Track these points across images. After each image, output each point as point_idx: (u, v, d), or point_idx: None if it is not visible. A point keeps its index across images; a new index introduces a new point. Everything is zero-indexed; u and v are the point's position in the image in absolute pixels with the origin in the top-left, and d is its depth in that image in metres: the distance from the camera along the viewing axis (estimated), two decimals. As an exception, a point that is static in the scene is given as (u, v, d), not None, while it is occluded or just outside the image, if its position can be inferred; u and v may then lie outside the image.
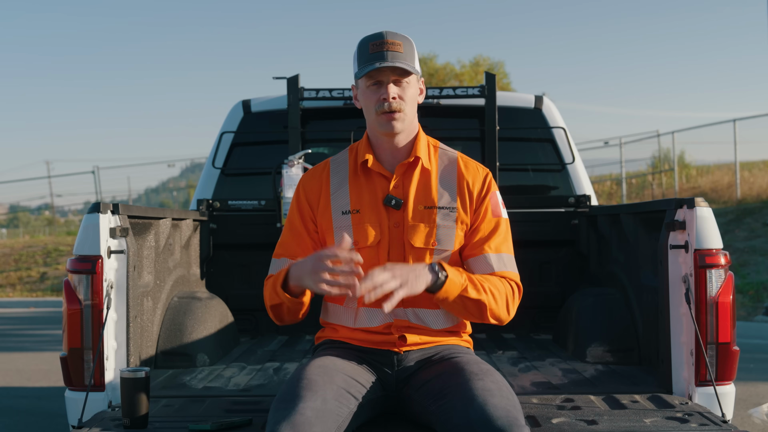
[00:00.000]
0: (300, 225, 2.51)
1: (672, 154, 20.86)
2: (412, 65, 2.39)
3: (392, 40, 2.38)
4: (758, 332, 9.28)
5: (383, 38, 2.38)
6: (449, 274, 2.27)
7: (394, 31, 2.42)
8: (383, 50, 2.36)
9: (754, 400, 5.50)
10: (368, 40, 2.40)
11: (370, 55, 2.37)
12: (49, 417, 5.44)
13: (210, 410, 2.63)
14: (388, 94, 2.37)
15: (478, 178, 2.51)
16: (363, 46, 2.41)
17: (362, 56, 2.40)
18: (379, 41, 2.38)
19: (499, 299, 2.35)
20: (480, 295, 2.31)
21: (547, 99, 4.64)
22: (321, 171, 2.56)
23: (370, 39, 2.40)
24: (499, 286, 2.37)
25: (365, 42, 2.41)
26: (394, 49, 2.37)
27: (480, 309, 2.33)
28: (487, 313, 2.35)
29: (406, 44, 2.40)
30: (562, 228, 4.33)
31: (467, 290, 2.30)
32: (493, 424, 2.02)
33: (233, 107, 4.62)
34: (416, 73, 2.41)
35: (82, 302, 2.73)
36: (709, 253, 2.72)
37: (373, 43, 2.38)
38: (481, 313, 2.35)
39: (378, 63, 2.34)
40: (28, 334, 10.82)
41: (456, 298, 2.30)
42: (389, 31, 2.41)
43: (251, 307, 4.27)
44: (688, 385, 2.77)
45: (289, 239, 2.51)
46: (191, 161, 63.34)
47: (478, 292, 2.31)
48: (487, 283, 2.34)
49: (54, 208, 32.10)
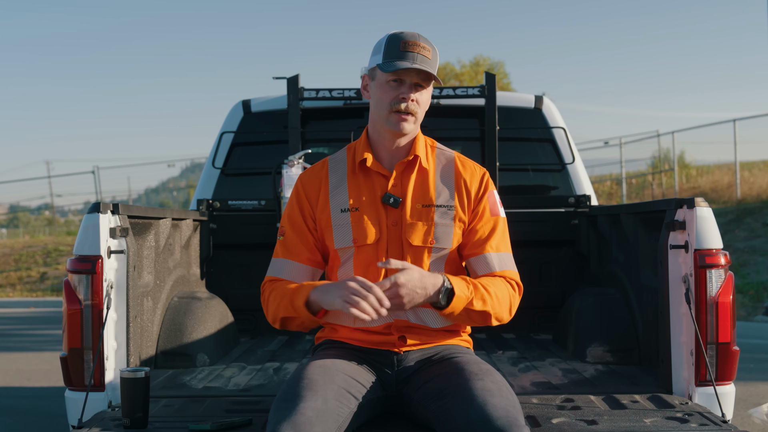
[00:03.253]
0: (302, 222, 2.50)
1: (672, 154, 20.86)
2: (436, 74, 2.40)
3: (424, 44, 2.37)
4: (758, 332, 9.28)
5: (416, 40, 2.37)
6: (456, 290, 2.27)
7: (425, 36, 2.42)
8: (414, 51, 2.35)
9: (754, 400, 5.50)
10: (401, 37, 2.39)
11: (400, 52, 2.36)
12: (49, 417, 5.44)
13: (210, 410, 2.63)
14: (408, 96, 2.37)
15: (475, 178, 2.51)
16: (394, 41, 2.39)
17: (391, 51, 2.38)
18: (412, 42, 2.37)
19: (503, 304, 2.37)
20: (485, 306, 2.32)
21: (547, 99, 4.64)
22: (320, 169, 2.56)
23: (402, 36, 2.39)
24: (503, 289, 2.38)
25: (397, 38, 2.39)
26: (424, 54, 2.36)
27: (484, 318, 2.35)
28: (492, 320, 2.37)
29: (434, 53, 2.41)
30: (562, 228, 4.33)
31: (472, 303, 2.30)
32: (493, 424, 2.02)
33: (233, 107, 4.62)
34: (438, 82, 2.41)
35: (82, 302, 2.73)
36: (709, 253, 2.72)
37: (404, 42, 2.37)
38: (485, 321, 2.37)
39: (409, 63, 2.33)
40: (28, 334, 10.82)
41: (461, 312, 2.31)
42: (420, 35, 2.40)
43: (251, 307, 4.27)
44: (688, 385, 2.77)
45: (292, 236, 2.50)
46: (191, 161, 63.35)
47: (484, 303, 2.32)
48: (492, 287, 2.35)
49: (54, 208, 32.09)
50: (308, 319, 2.35)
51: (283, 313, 2.38)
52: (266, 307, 2.45)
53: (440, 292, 2.27)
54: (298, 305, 2.32)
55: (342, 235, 2.44)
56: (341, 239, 2.44)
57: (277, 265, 2.49)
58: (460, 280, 2.31)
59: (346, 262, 2.46)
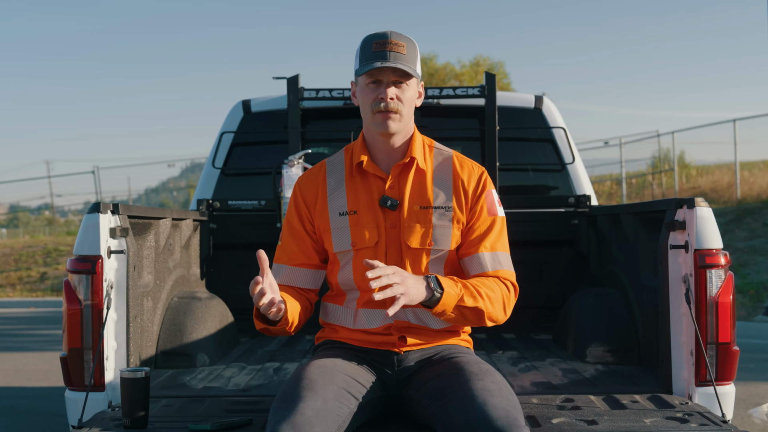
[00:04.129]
0: (299, 227, 2.51)
1: (672, 154, 20.86)
2: (414, 68, 2.39)
3: (396, 40, 2.37)
4: (758, 332, 9.28)
5: (387, 38, 2.37)
6: (444, 287, 2.25)
7: (398, 32, 2.41)
8: (386, 50, 2.35)
9: (754, 400, 5.50)
10: (372, 38, 2.39)
11: (372, 53, 2.36)
12: (49, 417, 5.43)
13: (210, 410, 2.63)
14: (386, 94, 2.36)
15: (473, 177, 2.51)
16: (366, 43, 2.40)
17: (364, 54, 2.39)
18: (383, 41, 2.37)
19: (495, 303, 2.35)
20: (477, 302, 2.30)
21: (547, 99, 4.64)
22: (317, 173, 2.55)
23: (374, 38, 2.39)
24: (495, 288, 2.36)
25: (369, 40, 2.40)
26: (397, 50, 2.36)
27: (478, 316, 2.33)
28: (485, 318, 2.34)
29: (410, 46, 2.39)
30: (562, 228, 4.33)
31: (463, 299, 2.28)
32: (493, 424, 2.02)
33: (233, 107, 4.62)
34: (416, 76, 2.40)
35: (82, 302, 2.73)
36: (709, 253, 2.72)
37: (376, 42, 2.37)
38: (480, 320, 2.35)
39: (380, 62, 2.33)
40: (28, 334, 10.82)
41: (453, 309, 2.28)
42: (394, 32, 2.40)
43: (251, 307, 4.26)
44: (688, 385, 2.77)
45: (290, 242, 2.51)
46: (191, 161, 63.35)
47: (475, 300, 2.30)
48: (482, 288, 2.33)
49: (54, 208, 32.09)
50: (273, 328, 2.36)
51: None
52: None
53: (428, 285, 2.22)
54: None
55: (341, 238, 2.44)
56: (340, 242, 2.44)
57: (274, 270, 2.48)
58: (448, 279, 2.30)
59: (346, 266, 2.45)
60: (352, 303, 2.45)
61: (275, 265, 2.50)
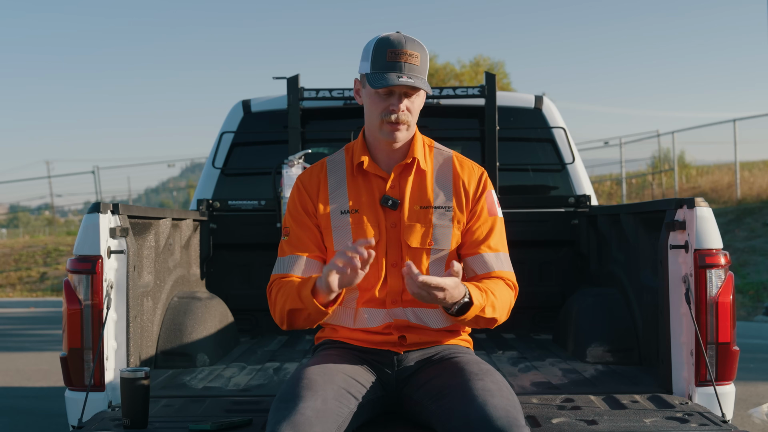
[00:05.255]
0: (306, 218, 2.47)
1: (672, 154, 20.86)
2: (425, 78, 2.38)
3: (411, 50, 2.32)
4: (758, 332, 9.28)
5: (402, 47, 2.32)
6: (474, 300, 2.25)
7: (412, 38, 2.36)
8: (401, 61, 2.31)
9: (754, 400, 5.50)
10: (387, 45, 2.34)
11: (387, 62, 2.32)
12: (49, 417, 5.44)
13: (210, 410, 2.63)
14: (399, 108, 2.35)
15: (473, 177, 2.51)
16: (380, 49, 2.34)
17: (378, 60, 2.34)
18: (398, 50, 2.32)
19: (505, 307, 2.38)
20: (494, 312, 2.33)
21: (547, 99, 4.64)
22: (318, 171, 2.54)
23: (388, 45, 2.34)
24: (504, 292, 2.38)
25: (383, 46, 2.34)
26: (411, 62, 2.32)
27: (489, 323, 2.37)
28: (494, 324, 2.38)
29: (423, 56, 2.36)
30: (562, 228, 4.33)
31: (484, 311, 2.30)
32: (493, 424, 2.02)
33: (233, 107, 4.62)
34: (427, 90, 2.37)
35: (82, 302, 2.73)
36: (709, 253, 2.72)
37: (391, 51, 2.32)
38: (488, 325, 2.38)
39: (396, 77, 2.29)
40: (28, 334, 10.82)
41: (471, 318, 2.30)
42: (408, 38, 2.35)
43: (251, 307, 4.27)
44: (688, 385, 2.77)
45: (298, 232, 2.46)
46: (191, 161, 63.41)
47: (493, 310, 2.32)
48: (497, 291, 2.35)
49: (54, 208, 32.08)
50: (315, 310, 2.27)
51: (291, 305, 2.32)
52: (273, 305, 2.40)
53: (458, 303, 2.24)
54: (305, 294, 2.27)
55: (342, 236, 2.44)
56: (341, 241, 2.43)
57: (284, 262, 2.45)
58: (475, 287, 2.29)
59: (346, 264, 2.45)
60: (351, 302, 2.45)
61: (288, 257, 2.45)
